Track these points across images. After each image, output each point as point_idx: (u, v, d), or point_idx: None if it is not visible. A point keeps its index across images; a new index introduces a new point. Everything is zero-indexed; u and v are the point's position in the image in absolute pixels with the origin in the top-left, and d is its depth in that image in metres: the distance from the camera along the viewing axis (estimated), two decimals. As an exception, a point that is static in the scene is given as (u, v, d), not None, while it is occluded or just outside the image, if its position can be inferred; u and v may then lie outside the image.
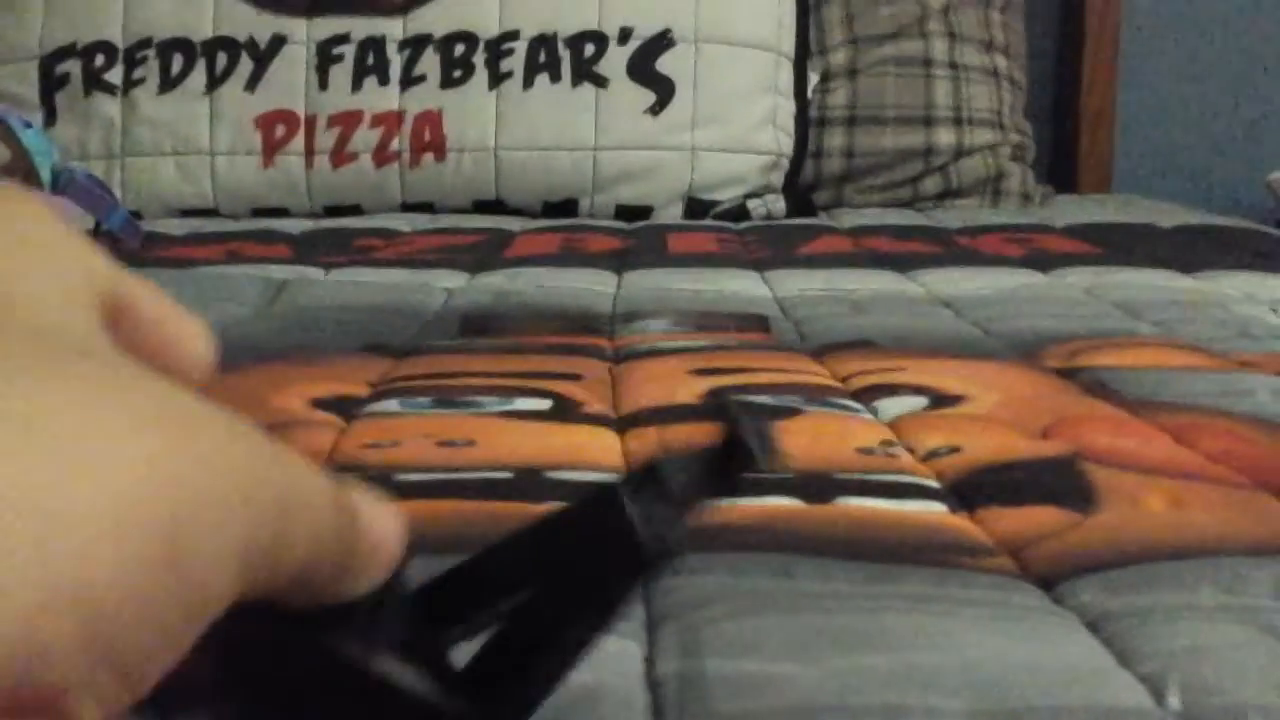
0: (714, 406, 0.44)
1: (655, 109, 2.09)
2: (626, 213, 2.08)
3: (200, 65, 2.12)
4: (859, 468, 0.77)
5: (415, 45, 2.12)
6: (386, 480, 0.73)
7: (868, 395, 0.95)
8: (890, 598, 0.58)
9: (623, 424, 0.88)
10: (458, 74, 2.11)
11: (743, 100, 2.12)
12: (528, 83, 2.10)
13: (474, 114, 2.09)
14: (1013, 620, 0.56)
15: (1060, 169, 2.58)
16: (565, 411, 0.90)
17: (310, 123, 2.10)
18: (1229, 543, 0.64)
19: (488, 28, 2.12)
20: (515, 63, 2.10)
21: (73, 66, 2.13)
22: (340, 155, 2.09)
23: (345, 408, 0.90)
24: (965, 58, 2.29)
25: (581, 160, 2.08)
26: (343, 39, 2.13)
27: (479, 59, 2.11)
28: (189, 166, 2.09)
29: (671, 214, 2.09)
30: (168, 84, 2.11)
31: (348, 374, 0.99)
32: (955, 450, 0.80)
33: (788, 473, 0.43)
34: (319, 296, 1.36)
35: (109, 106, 2.11)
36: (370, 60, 2.12)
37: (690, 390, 0.95)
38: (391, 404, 0.91)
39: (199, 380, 0.34)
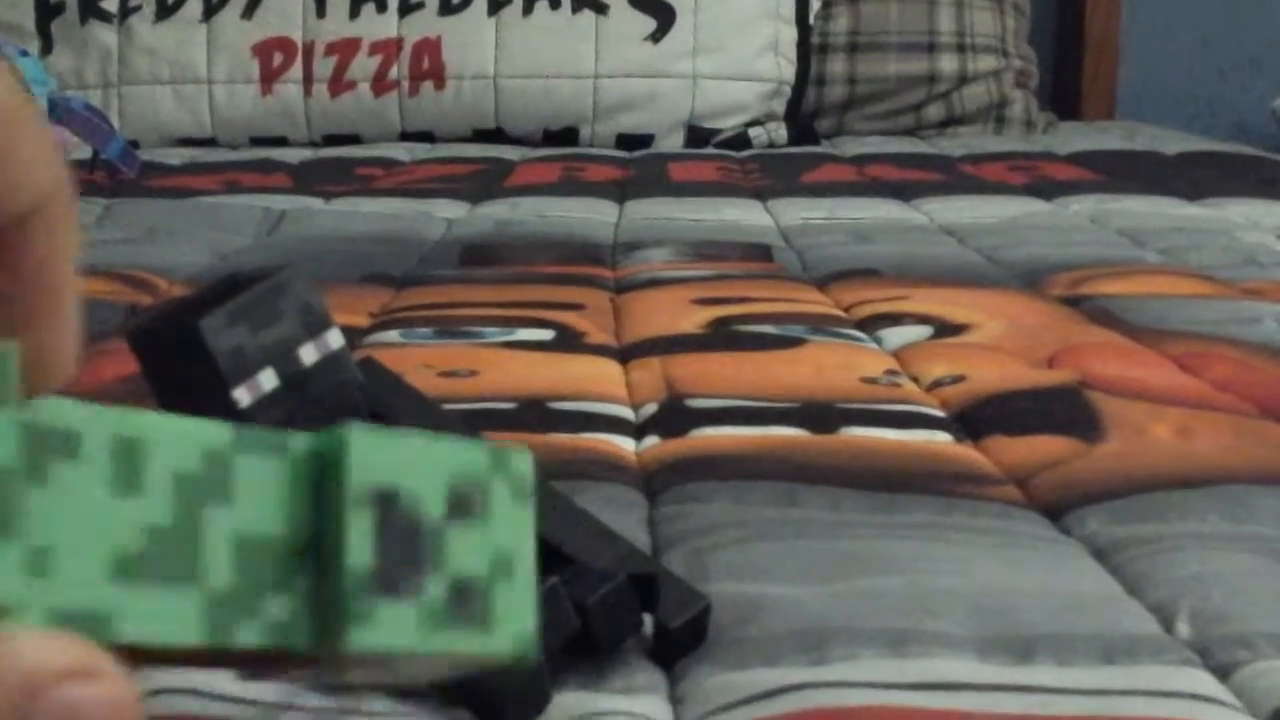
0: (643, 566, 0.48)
1: (656, 36, 2.07)
2: (627, 141, 2.07)
3: (196, -7, 2.10)
4: (863, 397, 0.76)
5: (413, -28, 2.10)
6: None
7: (871, 324, 0.94)
8: (897, 525, 0.58)
9: (625, 354, 0.87)
10: (456, 0, 2.09)
11: (744, 26, 2.10)
12: (527, 9, 2.08)
13: (473, 41, 2.08)
14: (1020, 549, 0.55)
15: (1064, 96, 2.57)
16: (568, 342, 0.89)
17: (308, 50, 2.08)
18: (1236, 471, 0.64)
19: (486, -46, 2.10)
20: (514, -11, 2.09)
21: (68, -6, 2.11)
22: (338, 83, 2.08)
23: (346, 339, 0.89)
24: (968, -17, 2.27)
25: (582, 88, 2.07)
26: (340, -34, 2.11)
27: (478, -14, 2.09)
28: (186, 95, 2.08)
29: (672, 142, 2.08)
30: (164, 12, 2.09)
31: (348, 304, 0.99)
32: (960, 379, 0.80)
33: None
34: (319, 226, 1.36)
35: (105, 35, 2.10)
36: (368, -13, 2.10)
37: (693, 320, 0.94)
38: (392, 334, 0.90)
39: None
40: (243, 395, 0.46)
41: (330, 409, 0.49)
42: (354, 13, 2.09)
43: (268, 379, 0.47)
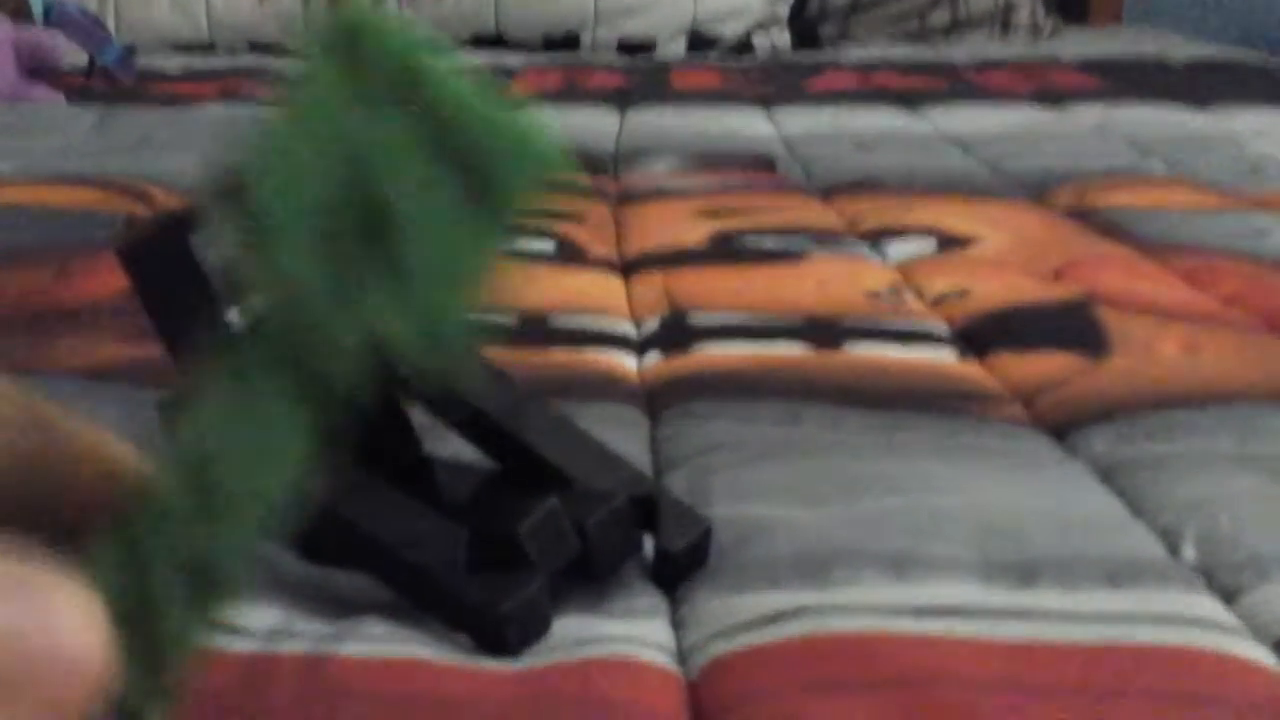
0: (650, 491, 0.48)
1: (658, -61, 2.04)
2: (629, 47, 2.04)
3: (192, -105, 2.06)
4: (867, 313, 0.75)
5: (412, -127, 2.07)
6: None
7: (875, 237, 0.93)
8: (901, 445, 0.57)
9: (627, 268, 0.86)
10: (456, -97, 2.06)
11: (747, -70, 2.07)
12: (527, -88, 2.05)
13: (473, -55, 2.04)
14: (1025, 469, 0.55)
15: None
16: (570, 255, 0.88)
17: (305, -46, 2.05)
18: (1244, 389, 0.63)
19: None
20: (514, -109, 2.05)
21: (61, -104, 2.07)
22: (337, -12, 2.05)
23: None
24: (975, -115, 2.23)
25: (583, -7, 2.04)
26: None
27: (477, -112, 2.06)
28: (183, 0, 2.05)
29: (675, 49, 2.05)
30: (159, -86, 2.06)
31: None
32: (964, 294, 0.79)
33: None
34: (317, 135, 1.34)
35: (99, -62, 2.06)
36: (366, -111, 2.06)
37: (695, 233, 0.93)
38: (393, 246, 0.89)
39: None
40: (236, 316, 0.45)
41: None
42: (352, -85, 2.06)
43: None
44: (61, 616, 0.19)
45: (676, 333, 0.72)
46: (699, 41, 2.06)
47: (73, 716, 0.19)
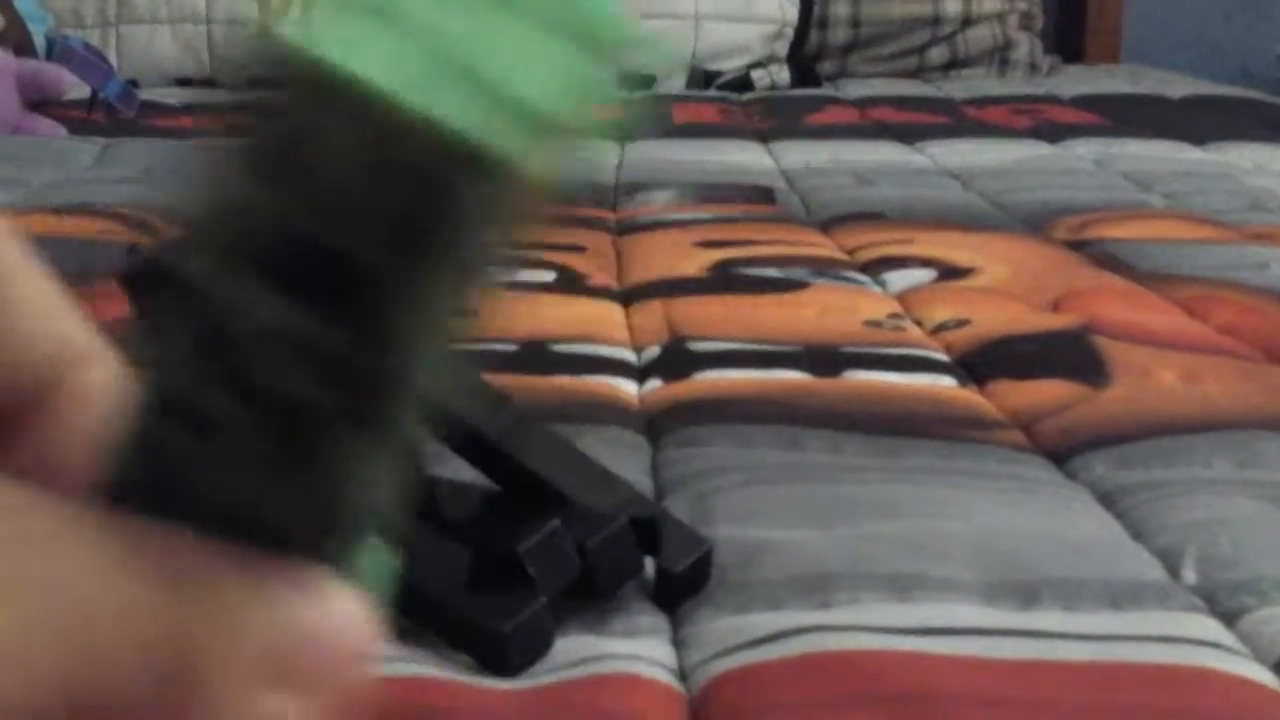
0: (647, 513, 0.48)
1: (658, -24, 2.05)
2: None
3: (195, -69, 2.07)
4: (867, 341, 0.76)
5: (414, -90, 2.08)
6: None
7: (875, 268, 0.94)
8: (900, 470, 0.57)
9: (627, 296, 0.87)
10: (457, -60, 2.07)
11: (747, -32, 2.08)
12: (528, -51, 2.06)
13: (474, -19, 2.06)
14: (1025, 493, 0.55)
15: (1068, 39, 2.54)
16: (570, 284, 0.89)
17: (308, -10, 2.06)
18: (1242, 416, 0.63)
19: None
20: (515, -71, 2.06)
21: (65, -68, 2.09)
22: (338, 24, 2.06)
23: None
24: (974, -76, 2.24)
25: (583, 29, 2.05)
26: (340, -96, 2.08)
27: (479, -75, 2.07)
28: (185, 35, 2.06)
29: (674, 84, 2.06)
30: (162, -50, 2.07)
31: (349, 245, 0.98)
32: (964, 323, 0.79)
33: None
34: (319, 167, 1.35)
35: (103, -27, 2.08)
36: (368, -74, 2.07)
37: (695, 263, 0.94)
38: (394, 275, 0.90)
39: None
40: None
41: None
42: (354, -48, 2.07)
43: None
44: (342, 611, 0.21)
45: (677, 359, 0.72)
46: (699, 78, 2.07)
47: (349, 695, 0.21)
